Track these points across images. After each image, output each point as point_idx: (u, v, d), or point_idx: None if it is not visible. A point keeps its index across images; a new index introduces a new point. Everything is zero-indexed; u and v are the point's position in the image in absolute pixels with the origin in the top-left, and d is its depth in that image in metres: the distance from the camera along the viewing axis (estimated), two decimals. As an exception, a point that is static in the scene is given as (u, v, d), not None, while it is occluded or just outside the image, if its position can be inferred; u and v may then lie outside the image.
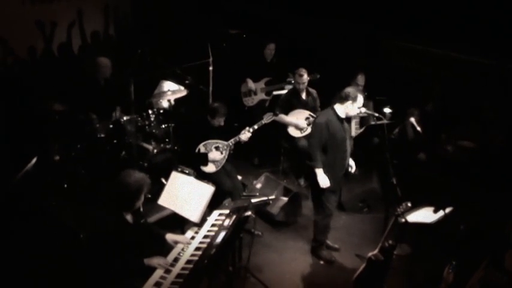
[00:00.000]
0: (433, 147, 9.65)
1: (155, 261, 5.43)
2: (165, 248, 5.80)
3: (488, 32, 9.24)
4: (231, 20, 12.13)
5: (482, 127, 9.46)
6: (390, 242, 6.46)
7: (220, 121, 7.91)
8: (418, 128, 8.81)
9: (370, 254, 6.52)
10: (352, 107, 7.02)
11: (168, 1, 12.15)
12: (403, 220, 6.51)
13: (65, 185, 8.39)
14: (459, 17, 9.52)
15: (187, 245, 5.82)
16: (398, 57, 10.68)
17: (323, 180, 7.11)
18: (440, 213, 6.90)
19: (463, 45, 9.50)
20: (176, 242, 5.84)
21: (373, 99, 9.71)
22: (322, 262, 7.65)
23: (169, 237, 5.88)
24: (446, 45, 9.76)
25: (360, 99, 7.00)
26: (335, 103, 7.16)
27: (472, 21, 9.38)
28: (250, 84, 10.26)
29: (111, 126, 8.61)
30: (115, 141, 8.68)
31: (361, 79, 9.83)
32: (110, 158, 8.65)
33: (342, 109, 7.08)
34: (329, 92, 8.25)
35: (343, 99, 7.03)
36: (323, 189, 7.19)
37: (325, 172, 7.13)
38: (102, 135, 8.54)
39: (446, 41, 9.69)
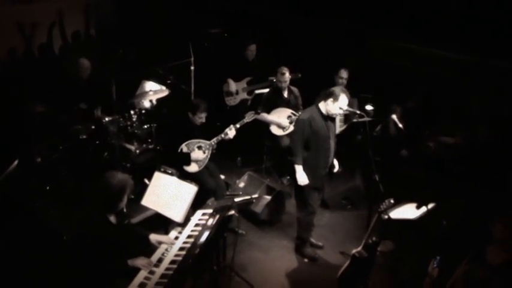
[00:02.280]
0: (415, 143, 9.69)
1: (139, 262, 5.42)
2: (149, 249, 5.78)
3: (471, 29, 9.29)
4: (212, 20, 12.11)
5: (466, 123, 9.51)
6: (374, 238, 6.49)
7: (201, 118, 7.88)
8: (400, 125, 8.84)
9: (354, 251, 6.54)
10: (333, 106, 7.02)
11: (149, 1, 12.11)
12: (386, 217, 6.55)
13: (48, 187, 8.33)
14: (442, 15, 9.56)
15: (171, 245, 5.81)
16: (381, 54, 10.71)
17: (301, 177, 7.14)
18: (423, 209, 6.95)
19: (446, 42, 9.54)
20: (160, 243, 5.83)
21: (357, 97, 9.74)
22: (306, 260, 7.67)
23: (153, 237, 5.86)
24: (430, 42, 9.80)
25: (343, 99, 6.98)
26: (320, 101, 7.17)
27: (455, 19, 9.43)
28: (232, 83, 10.26)
29: (93, 127, 8.57)
30: (97, 142, 8.66)
31: (344, 72, 9.80)
32: (92, 159, 8.61)
33: (324, 107, 7.10)
34: (311, 91, 8.26)
35: (326, 97, 7.05)
36: (306, 187, 7.20)
37: (308, 169, 7.15)
38: (84, 137, 8.51)
39: (429, 39, 9.73)
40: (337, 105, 7.00)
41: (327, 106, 7.07)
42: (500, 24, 9.03)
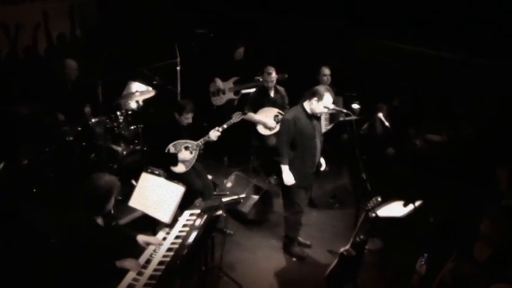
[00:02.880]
0: (401, 141, 9.72)
1: (127, 263, 5.40)
2: (137, 250, 5.77)
3: (457, 28, 9.34)
4: (198, 20, 12.09)
5: (451, 121, 9.55)
6: (361, 236, 6.51)
7: (188, 118, 7.86)
8: (387, 123, 8.88)
9: (342, 249, 6.56)
10: (317, 104, 7.03)
11: (135, 1, 12.08)
12: (374, 215, 6.56)
13: (34, 189, 8.29)
14: (429, 14, 9.60)
15: (159, 246, 5.80)
16: (367, 53, 10.74)
17: (288, 177, 7.15)
18: (410, 206, 6.97)
19: (432, 41, 9.59)
20: (148, 244, 5.81)
21: (342, 96, 9.76)
22: (294, 259, 7.68)
23: (141, 238, 5.85)
24: (415, 41, 9.84)
25: (328, 98, 7.00)
26: (304, 100, 7.19)
27: (441, 18, 9.47)
28: (219, 83, 10.27)
29: (79, 128, 8.54)
30: (84, 143, 8.62)
31: (325, 70, 9.81)
32: (79, 160, 8.57)
33: (309, 106, 7.12)
34: (297, 90, 8.27)
35: (310, 96, 7.06)
36: (293, 186, 7.21)
37: (295, 169, 7.17)
38: (71, 138, 8.47)
39: (415, 37, 9.77)
40: (321, 104, 7.01)
41: (311, 105, 7.08)
42: (486, 22, 9.08)
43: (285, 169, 7.15)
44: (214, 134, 7.96)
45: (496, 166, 7.94)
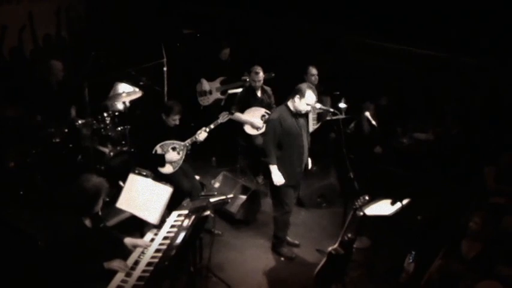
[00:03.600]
0: (388, 140, 9.76)
1: (115, 264, 5.39)
2: (125, 252, 5.76)
3: (442, 26, 9.38)
4: (184, 20, 12.08)
5: (438, 119, 9.60)
6: (350, 235, 6.52)
7: (175, 120, 7.84)
8: (374, 122, 8.90)
9: (330, 248, 6.57)
10: (300, 102, 7.04)
11: (121, 2, 12.05)
12: (362, 213, 6.58)
13: (21, 192, 8.25)
14: (413, 12, 9.64)
15: (147, 248, 5.79)
16: (353, 52, 10.77)
17: (277, 177, 7.15)
18: (398, 205, 7.00)
19: (417, 39, 9.62)
20: (135, 246, 5.80)
21: (330, 95, 9.78)
22: (283, 258, 7.68)
23: (128, 241, 5.83)
24: (400, 40, 9.88)
25: (310, 96, 7.00)
26: (288, 99, 7.19)
27: (426, 16, 9.51)
28: (205, 83, 10.25)
29: (66, 130, 8.50)
30: (71, 145, 8.59)
31: (312, 69, 9.82)
32: (66, 162, 8.54)
33: (292, 104, 7.13)
34: (284, 90, 8.28)
35: (293, 94, 7.07)
36: (282, 186, 7.21)
37: (283, 168, 7.17)
38: (58, 140, 8.43)
39: (400, 35, 9.80)
40: (304, 102, 7.02)
41: (294, 104, 7.09)
42: (472, 21, 9.13)
43: (274, 169, 7.15)
44: (201, 135, 7.95)
45: (483, 164, 8.00)
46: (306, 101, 7.00)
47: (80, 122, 8.51)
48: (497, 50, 9.03)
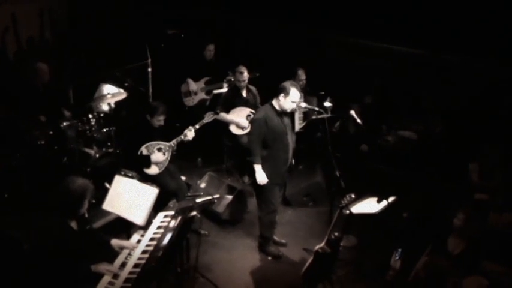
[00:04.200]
0: (374, 138, 9.79)
1: (102, 267, 5.37)
2: (112, 254, 5.74)
3: (425, 24, 9.43)
4: (168, 21, 12.06)
5: (422, 117, 9.65)
6: (336, 234, 6.54)
7: (160, 120, 7.83)
8: (359, 121, 8.92)
9: (317, 247, 6.58)
10: (284, 101, 7.05)
11: (105, 3, 12.01)
12: (348, 212, 6.60)
13: (6, 195, 8.20)
14: (395, 10, 9.68)
15: (134, 249, 5.77)
16: (337, 51, 10.80)
17: (261, 176, 7.15)
18: (384, 203, 7.02)
19: (400, 37, 9.67)
20: (122, 248, 5.78)
21: (316, 95, 9.80)
22: (270, 258, 7.69)
23: (115, 243, 5.81)
24: (384, 38, 9.92)
25: (294, 93, 7.01)
26: (273, 98, 7.20)
27: (406, 14, 9.55)
28: (192, 83, 10.24)
29: (51, 132, 8.46)
30: (56, 147, 8.54)
31: (301, 74, 9.89)
32: (51, 165, 8.50)
33: (277, 103, 7.14)
34: (269, 89, 8.29)
35: (277, 93, 7.08)
36: (267, 185, 7.22)
37: (269, 167, 7.17)
38: (43, 142, 8.39)
39: (383, 34, 9.84)
40: (289, 100, 7.03)
41: (279, 102, 7.10)
42: (455, 19, 9.18)
43: (258, 168, 7.15)
44: (188, 135, 7.94)
45: (468, 161, 8.05)
46: (291, 99, 7.01)
47: (65, 123, 8.47)
48: (480, 47, 9.09)
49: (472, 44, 9.12)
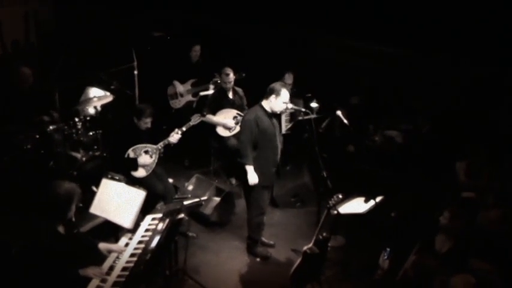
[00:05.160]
0: (361, 138, 9.81)
1: (90, 271, 5.34)
2: (100, 257, 5.72)
3: (411, 24, 9.46)
4: (154, 23, 12.05)
5: (409, 117, 9.68)
6: (324, 234, 6.56)
7: (147, 123, 7.81)
8: (345, 121, 8.94)
9: (305, 247, 6.59)
10: (276, 102, 7.07)
11: (91, 6, 11.98)
12: (336, 212, 6.61)
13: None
14: (382, 11, 9.72)
15: (122, 252, 5.76)
16: (324, 51, 10.82)
17: (252, 177, 7.15)
18: (371, 202, 7.04)
19: (387, 37, 9.70)
20: (110, 251, 5.76)
21: (303, 97, 9.81)
22: (258, 259, 7.69)
23: (103, 246, 5.78)
24: (370, 38, 9.95)
25: (284, 94, 7.05)
26: (262, 100, 7.20)
27: (394, 15, 9.59)
28: (179, 85, 10.24)
29: (37, 136, 8.42)
30: (42, 151, 8.50)
31: (288, 78, 9.95)
32: (37, 168, 8.46)
33: (268, 104, 7.14)
34: (255, 91, 8.30)
35: (268, 94, 7.09)
36: (255, 187, 7.22)
37: (258, 168, 7.17)
38: (29, 146, 8.35)
39: (369, 34, 9.87)
40: (280, 101, 7.05)
41: (270, 103, 7.11)
42: (440, 20, 9.22)
43: (250, 169, 7.14)
44: (174, 137, 7.93)
45: (455, 160, 8.09)
46: (282, 99, 7.04)
47: (51, 127, 8.43)
48: (468, 48, 9.13)
49: (459, 44, 9.16)
